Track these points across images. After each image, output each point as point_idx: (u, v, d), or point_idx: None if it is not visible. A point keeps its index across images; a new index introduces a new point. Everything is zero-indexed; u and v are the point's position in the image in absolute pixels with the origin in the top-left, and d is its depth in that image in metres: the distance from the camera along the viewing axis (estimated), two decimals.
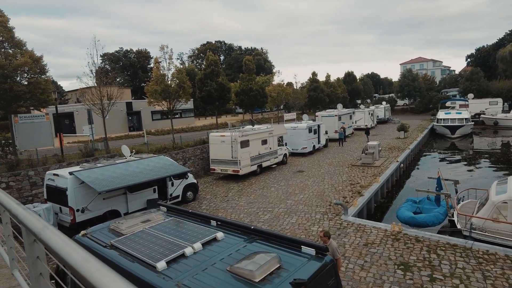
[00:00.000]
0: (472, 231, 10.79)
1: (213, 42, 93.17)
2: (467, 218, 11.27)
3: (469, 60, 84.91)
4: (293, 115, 36.34)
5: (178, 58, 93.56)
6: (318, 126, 28.61)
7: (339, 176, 19.35)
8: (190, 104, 42.80)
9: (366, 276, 8.74)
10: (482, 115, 46.93)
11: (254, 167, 20.47)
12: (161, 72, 23.95)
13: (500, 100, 49.55)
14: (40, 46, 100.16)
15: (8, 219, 3.52)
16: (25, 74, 17.22)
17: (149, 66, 73.88)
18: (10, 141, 16.81)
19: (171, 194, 15.16)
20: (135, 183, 12.56)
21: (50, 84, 19.22)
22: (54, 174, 12.38)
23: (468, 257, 9.34)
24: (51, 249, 1.47)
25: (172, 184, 15.28)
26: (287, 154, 24.69)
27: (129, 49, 75.15)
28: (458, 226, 11.52)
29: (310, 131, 27.02)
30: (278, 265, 4.23)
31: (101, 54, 60.95)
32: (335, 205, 13.75)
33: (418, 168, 25.61)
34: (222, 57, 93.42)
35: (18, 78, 17.09)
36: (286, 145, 24.91)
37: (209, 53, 34.56)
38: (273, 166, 22.68)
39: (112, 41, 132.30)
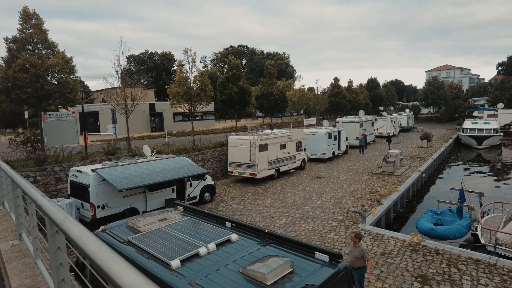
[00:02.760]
0: (497, 246, 10.36)
1: (236, 46, 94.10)
2: (492, 232, 10.84)
3: (500, 68, 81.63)
4: (313, 120, 36.11)
5: (201, 62, 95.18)
6: (339, 132, 28.29)
7: (358, 183, 19.04)
8: (211, 107, 43.34)
9: (382, 287, 8.57)
10: None
11: (272, 171, 20.46)
12: (184, 75, 24.44)
13: None
14: (71, 47, 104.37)
15: (34, 210, 3.70)
16: (56, 74, 17.98)
17: (172, 68, 75.46)
18: (39, 137, 17.56)
19: (189, 195, 15.37)
20: (155, 182, 12.84)
21: (78, 84, 19.99)
22: (78, 171, 12.83)
23: (491, 274, 8.97)
24: (70, 239, 1.56)
25: (191, 185, 15.50)
26: (306, 159, 24.54)
27: (154, 52, 77.02)
28: (482, 241, 11.09)
29: (330, 137, 26.76)
30: (291, 270, 4.22)
31: (127, 56, 62.80)
32: (353, 213, 13.54)
33: (440, 179, 24.83)
34: (244, 61, 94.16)
35: (49, 78, 17.87)
36: (305, 150, 24.77)
37: (231, 57, 34.95)
38: (291, 171, 22.60)
39: (139, 44, 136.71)
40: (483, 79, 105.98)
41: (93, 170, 12.25)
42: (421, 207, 18.00)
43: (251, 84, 66.85)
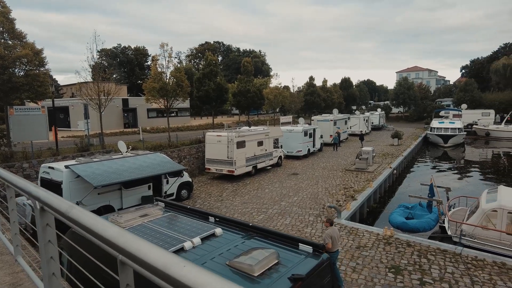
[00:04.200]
0: (462, 237, 11.02)
1: (212, 42, 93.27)
2: (457, 224, 11.51)
3: (464, 71, 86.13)
4: (289, 118, 36.52)
5: (175, 57, 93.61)
6: (314, 130, 28.83)
7: (333, 180, 19.54)
8: (186, 103, 42.79)
9: (357, 278, 8.89)
10: (474, 126, 47.64)
11: (249, 168, 20.57)
12: (160, 70, 23.98)
13: (492, 111, 50.38)
14: (39, 39, 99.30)
15: (14, 204, 3.58)
16: (24, 66, 17.14)
17: (146, 63, 73.67)
18: (5, 132, 16.70)
19: (165, 192, 15.19)
20: (131, 179, 12.59)
21: (48, 77, 19.15)
22: (50, 167, 12.35)
23: (457, 263, 9.54)
24: (84, 227, 1.57)
25: (167, 182, 15.31)
26: (282, 156, 24.83)
27: (127, 46, 74.84)
28: (449, 232, 11.75)
29: (305, 134, 27.22)
30: (277, 261, 4.34)
31: (98, 50, 60.70)
32: (329, 208, 13.92)
33: (410, 175, 25.94)
34: (220, 58, 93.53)
35: (17, 70, 17.00)
36: (281, 147, 25.06)
37: (208, 53, 34.64)
38: (268, 167, 22.81)
39: (112, 39, 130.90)
40: (449, 81, 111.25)
41: (66, 167, 11.84)
42: (393, 202, 18.75)
43: (227, 81, 66.56)
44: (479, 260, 9.63)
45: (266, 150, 22.10)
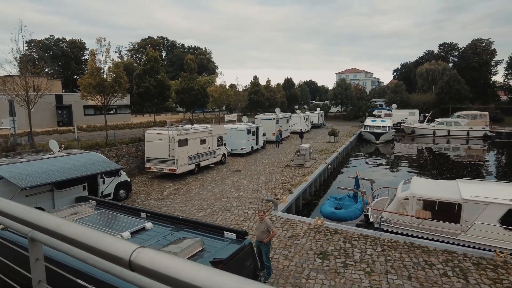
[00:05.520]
0: (382, 223, 12.38)
1: (155, 37, 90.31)
2: (378, 212, 12.89)
3: (395, 74, 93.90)
4: (233, 116, 37.03)
5: (116, 52, 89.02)
6: (257, 128, 29.65)
7: (273, 175, 20.43)
8: (126, 100, 41.14)
9: (289, 265, 9.62)
10: (402, 124, 52.43)
11: (192, 166, 20.64)
12: (97, 65, 22.89)
13: (417, 111, 55.87)
14: None
15: None
16: None
17: (83, 57, 69.09)
18: None
19: (102, 192, 14.74)
20: (63, 180, 12.07)
21: None
22: None
23: (376, 245, 10.76)
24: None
25: (104, 182, 14.87)
26: (226, 154, 25.23)
27: (61, 38, 69.46)
28: (371, 220, 13.12)
29: (249, 132, 27.92)
30: (201, 248, 4.73)
31: (27, 41, 55.58)
32: (266, 202, 14.65)
33: (344, 170, 27.96)
34: (164, 54, 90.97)
35: None
36: (225, 145, 25.45)
37: (149, 49, 33.74)
38: (212, 165, 23.06)
39: (43, 29, 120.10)
40: (383, 82, 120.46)
41: None
42: (327, 194, 20.15)
43: (171, 77, 65.01)
44: (393, 242, 10.97)
45: (209, 148, 22.32)
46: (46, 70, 51.89)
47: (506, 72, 68.00)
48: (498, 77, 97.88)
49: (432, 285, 8.51)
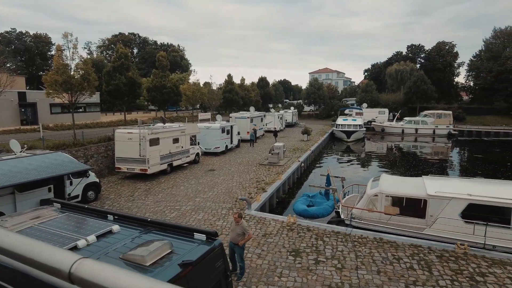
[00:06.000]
0: (352, 220, 12.69)
1: (127, 33, 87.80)
2: (348, 209, 13.21)
3: (366, 74, 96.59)
4: (207, 115, 36.70)
5: (85, 48, 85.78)
6: (231, 127, 29.54)
7: (247, 174, 20.44)
8: (96, 98, 39.76)
9: (262, 264, 9.65)
10: (373, 123, 54.05)
11: (164, 166, 20.25)
12: (63, 61, 21.90)
13: (386, 110, 57.77)
14: None
15: None
16: None
17: (49, 53, 66.04)
18: None
19: (69, 194, 14.16)
20: (25, 182, 11.47)
21: None
22: None
23: (346, 242, 11.01)
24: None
25: (71, 183, 14.29)
26: (200, 153, 24.96)
27: (24, 32, 65.97)
28: (342, 216, 13.42)
29: (223, 131, 27.76)
30: (170, 250, 4.63)
31: None
32: (240, 201, 14.63)
33: (317, 167, 28.44)
34: (135, 50, 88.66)
35: None
36: (199, 144, 25.16)
37: (119, 46, 32.71)
38: (185, 165, 22.73)
39: (3, 21, 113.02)
40: (354, 82, 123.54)
41: None
42: (300, 192, 20.41)
43: (143, 75, 63.50)
44: (363, 238, 11.27)
45: (182, 147, 21.98)
46: (8, 65, 49.21)
47: (467, 74, 71.90)
48: (461, 79, 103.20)
49: (399, 278, 8.83)
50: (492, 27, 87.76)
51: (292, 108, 59.80)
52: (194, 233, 5.19)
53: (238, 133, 31.43)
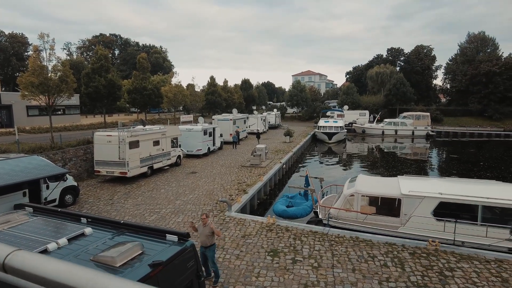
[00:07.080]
0: (330, 219, 12.96)
1: (108, 35, 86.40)
2: (326, 209, 13.47)
3: (347, 76, 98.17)
4: (190, 117, 36.53)
5: (64, 49, 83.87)
6: (214, 129, 29.53)
7: (229, 176, 20.51)
8: (75, 100, 39.01)
9: (240, 264, 9.74)
10: (354, 124, 55.06)
11: (145, 169, 20.08)
12: (40, 62, 21.40)
13: (367, 112, 59.00)
14: None
15: None
16: None
17: (26, 54, 64.20)
18: None
19: (45, 198, 13.89)
20: None
21: None
22: None
23: (324, 241, 11.24)
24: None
25: (48, 187, 14.02)
26: (181, 155, 24.84)
27: None
28: (320, 216, 13.67)
29: (205, 133, 27.71)
30: (141, 251, 4.69)
31: None
32: (221, 203, 14.68)
33: (299, 169, 28.77)
34: (117, 52, 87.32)
35: None
36: (180, 146, 25.03)
37: (99, 47, 32.25)
38: (166, 167, 22.59)
39: None
40: (336, 84, 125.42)
41: None
42: (281, 193, 20.62)
43: (124, 76, 62.67)
44: (340, 237, 11.53)
45: (163, 149, 21.85)
46: None
47: (444, 76, 74.24)
48: (438, 81, 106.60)
49: (373, 275, 9.10)
50: (467, 32, 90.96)
51: (275, 110, 60.24)
52: (166, 235, 5.25)
53: (221, 135, 31.45)
